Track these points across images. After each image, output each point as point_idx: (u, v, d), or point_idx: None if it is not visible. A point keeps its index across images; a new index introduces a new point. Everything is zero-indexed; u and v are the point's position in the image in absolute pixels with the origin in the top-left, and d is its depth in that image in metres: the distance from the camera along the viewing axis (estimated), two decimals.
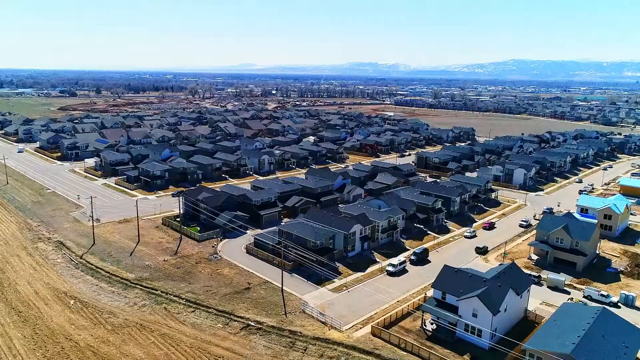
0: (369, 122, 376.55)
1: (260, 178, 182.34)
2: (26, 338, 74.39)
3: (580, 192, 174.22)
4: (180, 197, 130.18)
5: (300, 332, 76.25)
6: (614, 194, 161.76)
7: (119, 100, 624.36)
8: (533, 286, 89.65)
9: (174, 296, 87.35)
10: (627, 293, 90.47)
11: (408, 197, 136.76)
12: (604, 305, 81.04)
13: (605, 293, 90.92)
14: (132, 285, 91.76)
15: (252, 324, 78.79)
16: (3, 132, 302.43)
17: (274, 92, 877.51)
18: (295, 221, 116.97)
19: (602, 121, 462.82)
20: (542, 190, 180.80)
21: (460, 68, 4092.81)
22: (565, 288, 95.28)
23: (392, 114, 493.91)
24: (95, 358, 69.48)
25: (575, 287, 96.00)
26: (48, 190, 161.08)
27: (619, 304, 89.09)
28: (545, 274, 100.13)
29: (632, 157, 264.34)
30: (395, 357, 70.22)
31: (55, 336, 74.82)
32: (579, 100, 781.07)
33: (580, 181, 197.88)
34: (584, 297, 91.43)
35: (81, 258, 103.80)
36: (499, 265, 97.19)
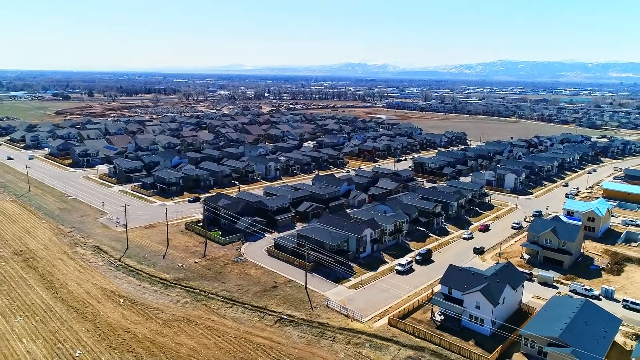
0: (364, 126, 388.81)
1: (268, 184, 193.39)
2: (89, 331, 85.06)
3: (567, 195, 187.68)
4: (203, 204, 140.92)
5: (328, 324, 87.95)
6: (597, 197, 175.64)
7: (113, 103, 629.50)
8: (526, 282, 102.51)
9: (212, 294, 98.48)
10: (607, 287, 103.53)
11: (410, 202, 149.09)
12: (587, 298, 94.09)
13: (588, 287, 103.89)
14: (172, 285, 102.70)
15: (285, 317, 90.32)
16: (8, 138, 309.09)
17: (266, 94, 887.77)
18: (311, 225, 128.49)
19: (587, 124, 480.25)
20: (532, 193, 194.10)
21: (448, 69, 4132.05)
22: (553, 283, 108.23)
23: (384, 117, 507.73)
24: (155, 347, 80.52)
25: (562, 283, 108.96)
26: (70, 197, 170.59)
27: (600, 296, 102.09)
28: (536, 272, 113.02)
29: (614, 161, 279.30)
30: (411, 343, 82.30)
31: (115, 329, 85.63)
32: (565, 102, 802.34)
33: (566, 185, 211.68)
34: (570, 291, 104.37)
35: (119, 261, 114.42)
36: (496, 264, 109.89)
